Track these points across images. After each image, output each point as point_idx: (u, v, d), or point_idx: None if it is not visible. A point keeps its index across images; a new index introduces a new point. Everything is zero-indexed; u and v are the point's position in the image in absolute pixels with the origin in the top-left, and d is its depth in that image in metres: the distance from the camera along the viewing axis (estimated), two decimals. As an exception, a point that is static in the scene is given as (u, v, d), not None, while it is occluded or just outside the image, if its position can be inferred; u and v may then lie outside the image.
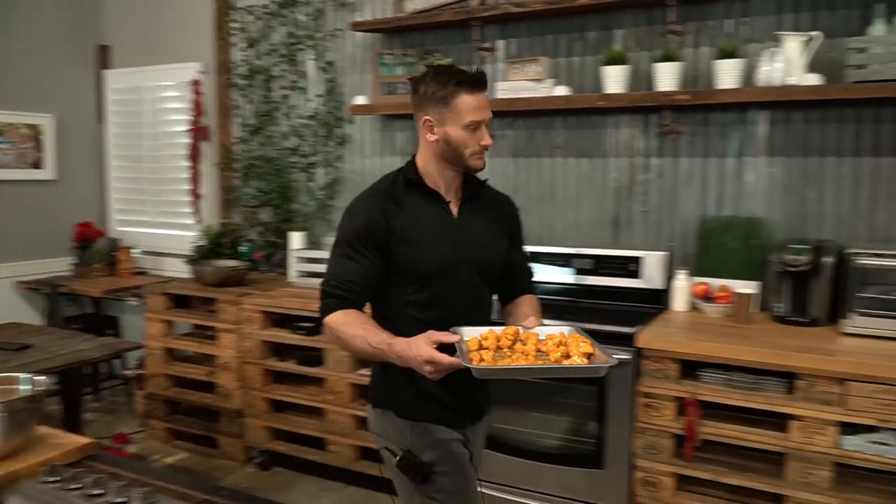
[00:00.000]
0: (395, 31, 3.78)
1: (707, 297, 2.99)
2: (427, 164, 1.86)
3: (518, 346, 1.68)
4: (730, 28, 3.04)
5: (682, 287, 3.05)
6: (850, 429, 2.38)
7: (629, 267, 3.19)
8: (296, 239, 3.93)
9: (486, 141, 1.83)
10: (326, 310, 1.78)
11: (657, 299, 3.12)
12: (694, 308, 3.05)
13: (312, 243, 4.00)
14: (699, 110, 3.12)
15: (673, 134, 3.17)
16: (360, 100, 3.73)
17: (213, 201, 4.54)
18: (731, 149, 3.10)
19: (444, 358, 1.58)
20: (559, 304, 3.24)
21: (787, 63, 2.75)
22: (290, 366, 3.52)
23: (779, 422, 2.48)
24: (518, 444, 3.00)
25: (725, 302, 2.92)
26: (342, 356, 3.31)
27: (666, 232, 3.26)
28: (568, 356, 1.64)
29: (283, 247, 4.08)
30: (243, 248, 4.23)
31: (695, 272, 3.11)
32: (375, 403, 1.94)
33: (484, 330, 1.71)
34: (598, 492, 2.82)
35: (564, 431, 2.97)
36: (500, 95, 3.36)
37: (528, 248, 2.16)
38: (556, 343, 1.67)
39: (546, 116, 3.47)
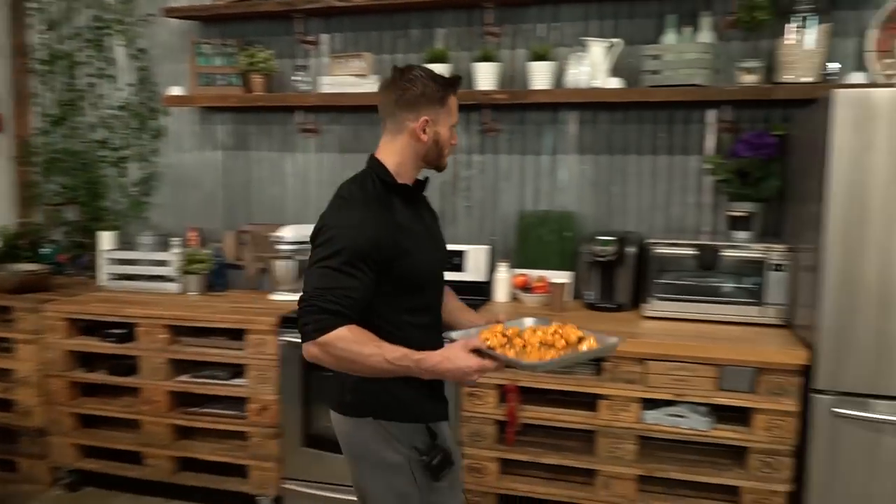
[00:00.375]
0: (213, 20, 3.62)
1: (526, 287, 3.14)
2: (402, 165, 1.79)
3: (517, 340, 1.70)
4: (542, 32, 3.21)
5: (504, 279, 3.18)
6: (650, 404, 2.59)
7: (454, 260, 3.26)
8: (106, 239, 3.64)
9: (456, 140, 1.87)
10: (322, 326, 1.61)
11: (481, 291, 3.22)
12: (514, 298, 3.18)
13: (125, 243, 3.74)
14: (516, 109, 3.26)
15: (493, 132, 3.29)
16: (176, 90, 3.54)
17: (8, 199, 4.09)
18: (545, 147, 3.27)
19: (491, 363, 1.61)
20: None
21: (593, 67, 2.94)
22: (99, 376, 3.26)
23: (590, 402, 2.64)
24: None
25: (543, 291, 3.08)
26: (158, 363, 3.12)
27: (488, 226, 3.38)
28: (567, 343, 1.72)
29: (91, 248, 3.77)
30: (45, 250, 3.87)
31: (515, 264, 3.24)
32: (378, 415, 1.79)
33: (473, 331, 1.76)
34: (427, 482, 2.86)
35: (394, 425, 2.98)
36: (324, 90, 3.31)
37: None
38: (552, 333, 1.74)
39: (372, 112, 3.45)
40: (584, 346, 1.73)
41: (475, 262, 3.26)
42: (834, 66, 2.79)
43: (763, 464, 2.49)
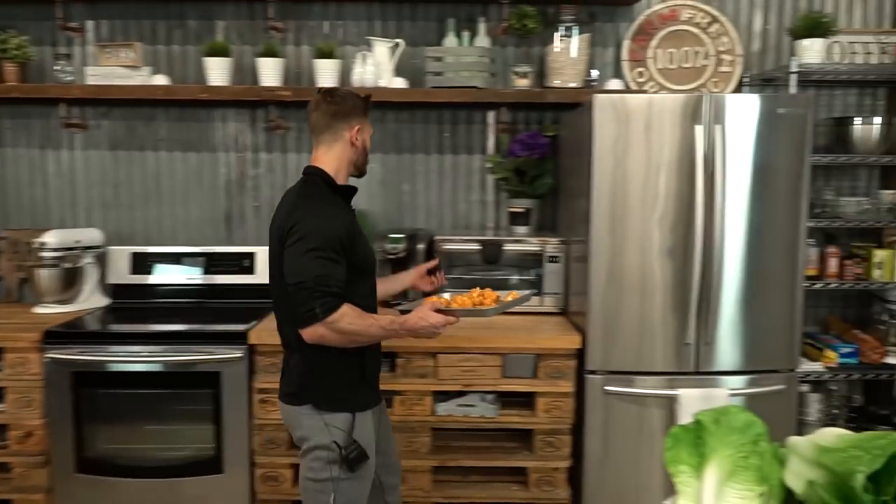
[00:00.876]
0: (-49, -1, 3.16)
1: (319, 288, 3.09)
2: (339, 171, 2.05)
3: (453, 305, 2.10)
4: (327, 29, 3.18)
5: (296, 280, 3.10)
6: (442, 396, 2.67)
7: (243, 263, 3.15)
8: None
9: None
10: (330, 308, 1.85)
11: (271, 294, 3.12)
12: (308, 300, 3.13)
13: None
14: (303, 107, 3.17)
15: (280, 129, 3.20)
16: None
17: None
18: (335, 145, 3.24)
19: (453, 318, 2.00)
20: (170, 307, 3.08)
21: (377, 66, 2.96)
22: None
23: (385, 399, 2.65)
24: (131, 462, 2.74)
25: (336, 292, 3.05)
26: None
27: (279, 227, 3.28)
28: (494, 300, 2.18)
29: None
30: None
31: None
32: (315, 404, 2.00)
33: (417, 303, 2.13)
34: (221, 497, 2.72)
35: (181, 441, 2.80)
36: (90, 81, 3.03)
37: (137, 250, 2.64)
38: (476, 295, 2.18)
39: (146, 107, 3.23)
40: (509, 298, 2.23)
41: (265, 264, 3.13)
42: (595, 73, 3.05)
43: (546, 443, 2.66)
